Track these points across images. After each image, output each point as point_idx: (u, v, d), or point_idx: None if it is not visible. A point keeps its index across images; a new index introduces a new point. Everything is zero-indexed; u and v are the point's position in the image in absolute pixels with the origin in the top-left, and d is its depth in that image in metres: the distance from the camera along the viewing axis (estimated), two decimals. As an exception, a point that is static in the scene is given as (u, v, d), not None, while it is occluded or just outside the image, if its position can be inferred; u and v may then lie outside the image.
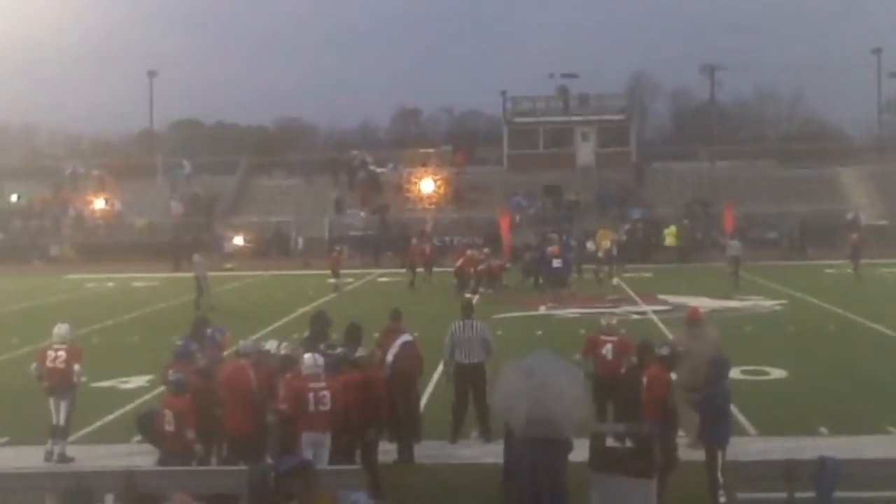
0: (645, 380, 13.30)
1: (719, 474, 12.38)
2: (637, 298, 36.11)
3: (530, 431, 10.77)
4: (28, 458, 15.52)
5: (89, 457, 15.69)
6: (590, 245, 48.36)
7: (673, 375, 13.84)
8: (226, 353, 16.51)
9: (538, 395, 10.74)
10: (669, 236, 56.98)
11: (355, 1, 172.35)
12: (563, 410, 10.77)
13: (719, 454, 12.51)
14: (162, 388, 15.11)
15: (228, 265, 54.39)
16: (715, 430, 12.66)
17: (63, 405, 15.93)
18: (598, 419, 14.94)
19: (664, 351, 13.73)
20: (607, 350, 16.17)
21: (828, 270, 45.48)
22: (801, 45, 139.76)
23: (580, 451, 11.21)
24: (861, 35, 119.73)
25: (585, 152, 69.96)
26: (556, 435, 10.76)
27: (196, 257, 37.54)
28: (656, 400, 13.05)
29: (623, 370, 15.48)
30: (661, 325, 28.11)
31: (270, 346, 14.68)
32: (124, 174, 71.33)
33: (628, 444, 11.35)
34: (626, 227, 56.70)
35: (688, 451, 13.68)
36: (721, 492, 12.30)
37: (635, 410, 13.16)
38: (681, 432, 13.79)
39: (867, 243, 46.78)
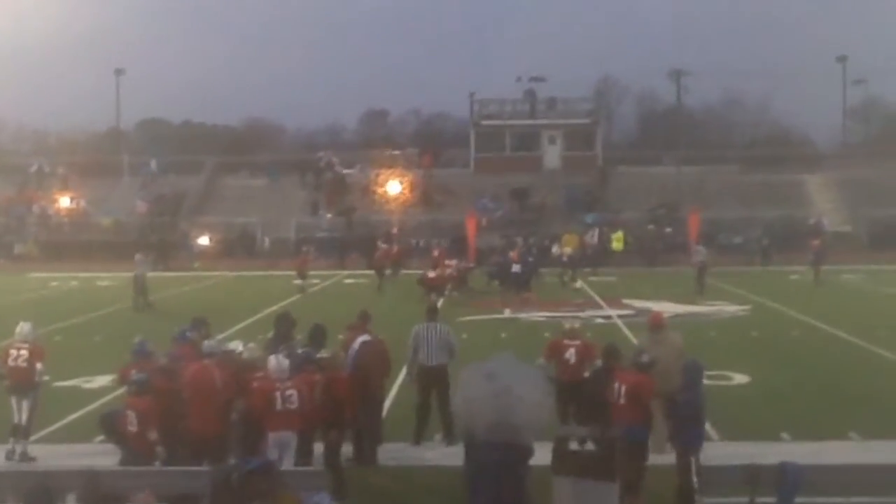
0: (623, 386, 13.24)
1: (694, 478, 12.41)
2: (601, 302, 36.23)
3: (492, 436, 10.71)
4: (-11, 457, 15.38)
5: (51, 456, 15.58)
6: (555, 249, 48.45)
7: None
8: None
9: (500, 399, 10.68)
10: (617, 241, 57.32)
11: (324, 2, 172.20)
12: (526, 415, 10.71)
13: (692, 459, 12.56)
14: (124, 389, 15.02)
15: (196, 264, 54.33)
16: (688, 435, 12.72)
17: (25, 404, 15.85)
18: (562, 422, 14.91)
19: (644, 358, 13.76)
20: (570, 354, 16.18)
21: (792, 276, 45.77)
22: (768, 52, 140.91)
23: (543, 455, 11.20)
24: (827, 43, 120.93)
25: (552, 156, 70.19)
26: (518, 440, 10.71)
27: (138, 256, 37.61)
28: (644, 406, 13.10)
29: (586, 374, 15.53)
30: (625, 330, 28.22)
31: (234, 346, 14.66)
32: (90, 172, 70.90)
33: (591, 446, 11.32)
34: (595, 230, 56.98)
35: (652, 456, 13.67)
36: (697, 496, 12.32)
37: (601, 414, 13.14)
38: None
39: (831, 249, 47.17)
